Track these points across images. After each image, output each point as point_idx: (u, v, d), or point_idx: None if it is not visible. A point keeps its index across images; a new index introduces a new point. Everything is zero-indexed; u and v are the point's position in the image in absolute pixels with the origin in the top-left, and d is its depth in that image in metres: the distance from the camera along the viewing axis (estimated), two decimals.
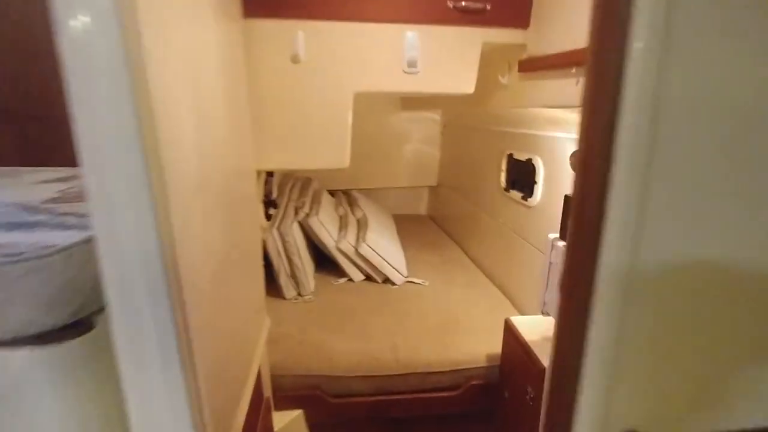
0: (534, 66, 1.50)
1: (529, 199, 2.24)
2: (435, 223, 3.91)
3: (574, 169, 1.54)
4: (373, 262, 2.54)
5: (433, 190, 4.07)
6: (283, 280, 2.35)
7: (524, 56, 1.59)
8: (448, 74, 1.61)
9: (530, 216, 2.25)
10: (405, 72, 1.56)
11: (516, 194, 2.39)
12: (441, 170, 3.91)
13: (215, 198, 1.01)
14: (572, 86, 1.34)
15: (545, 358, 1.53)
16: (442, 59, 1.58)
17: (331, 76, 1.53)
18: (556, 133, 1.96)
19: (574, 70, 1.29)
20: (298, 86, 1.52)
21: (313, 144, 1.59)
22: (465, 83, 1.64)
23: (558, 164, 1.98)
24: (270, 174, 2.14)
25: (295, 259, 2.35)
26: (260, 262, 1.63)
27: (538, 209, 2.17)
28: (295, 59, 1.47)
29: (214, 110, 1.00)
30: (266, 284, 1.74)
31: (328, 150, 1.62)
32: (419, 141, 3.86)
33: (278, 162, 1.59)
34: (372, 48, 1.52)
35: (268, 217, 2.15)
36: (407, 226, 3.58)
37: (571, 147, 1.87)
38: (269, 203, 2.05)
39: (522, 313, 2.24)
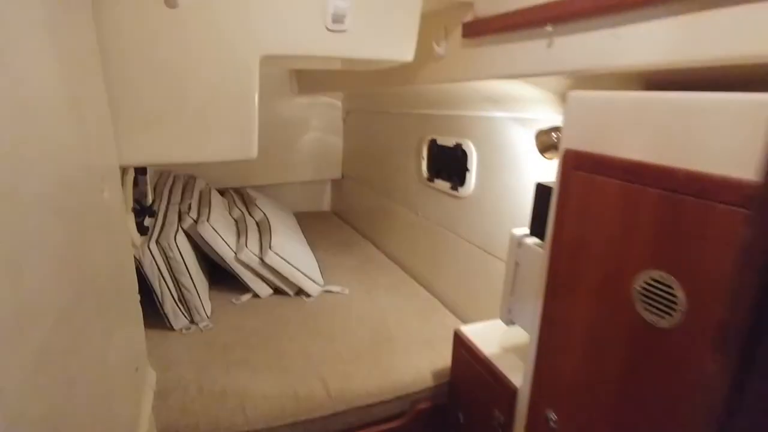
0: (488, 28, 1.23)
1: (459, 189, 2.01)
2: (341, 219, 3.57)
3: (543, 151, 1.31)
4: (283, 273, 2.11)
5: (336, 183, 3.72)
6: (170, 308, 1.82)
7: (470, 18, 1.32)
8: (383, 35, 1.26)
9: (462, 208, 2.02)
10: (329, 29, 1.17)
11: (442, 184, 2.15)
12: (345, 161, 3.57)
13: (39, 217, 0.55)
14: (542, 49, 1.10)
15: (514, 374, 1.30)
16: (376, 14, 1.23)
17: (226, 29, 1.08)
18: (494, 113, 1.74)
19: (549, 28, 1.04)
20: (177, 44, 1.05)
21: (202, 126, 1.14)
22: (403, 47, 1.31)
23: (496, 148, 1.77)
24: (141, 172, 1.60)
25: (184, 280, 1.83)
26: (135, 297, 1.14)
27: (472, 200, 1.95)
28: (170, 1, 1.00)
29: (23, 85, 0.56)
30: (145, 313, 1.25)
31: (226, 135, 1.17)
32: (319, 129, 3.47)
33: (150, 153, 1.09)
34: None
35: (143, 229, 1.61)
36: (311, 225, 3.19)
37: (515, 128, 1.66)
38: (143, 211, 1.53)
39: (460, 317, 2.01)
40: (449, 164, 2.10)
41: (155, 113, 1.09)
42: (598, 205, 0.91)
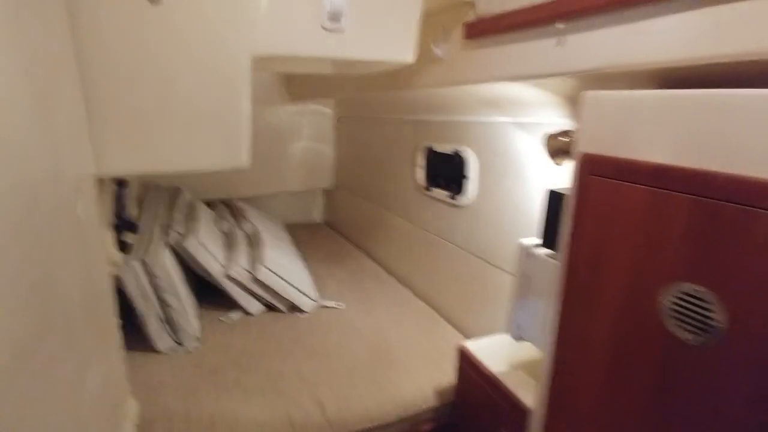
0: (491, 28, 1.16)
1: (458, 198, 1.94)
2: (333, 229, 3.48)
3: (553, 156, 1.25)
4: (275, 288, 2.02)
5: (328, 193, 3.63)
6: (154, 328, 1.71)
7: (471, 17, 1.25)
8: (382, 35, 1.19)
9: (461, 217, 1.95)
10: (325, 28, 1.10)
11: (440, 193, 2.08)
12: (337, 170, 3.48)
13: None
14: (551, 48, 1.03)
15: (524, 393, 1.22)
16: (375, 12, 1.15)
17: (215, 28, 1.00)
18: (494, 118, 1.67)
19: (561, 26, 0.98)
20: (160, 42, 0.96)
21: (189, 132, 1.04)
22: (403, 48, 1.24)
23: (497, 155, 1.70)
24: (121, 184, 1.50)
25: (170, 298, 1.73)
26: (113, 323, 1.04)
27: (472, 209, 1.88)
28: None
29: None
30: (127, 333, 1.14)
31: (215, 141, 1.08)
32: (309, 138, 3.38)
33: (131, 163, 0.99)
34: None
35: (124, 246, 1.51)
36: (303, 236, 3.10)
37: (516, 133, 1.60)
38: (124, 225, 1.43)
39: (462, 331, 1.93)
40: (447, 172, 2.02)
41: (137, 118, 1.00)
42: (622, 212, 0.84)
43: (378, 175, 2.77)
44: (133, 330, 1.69)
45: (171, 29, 0.97)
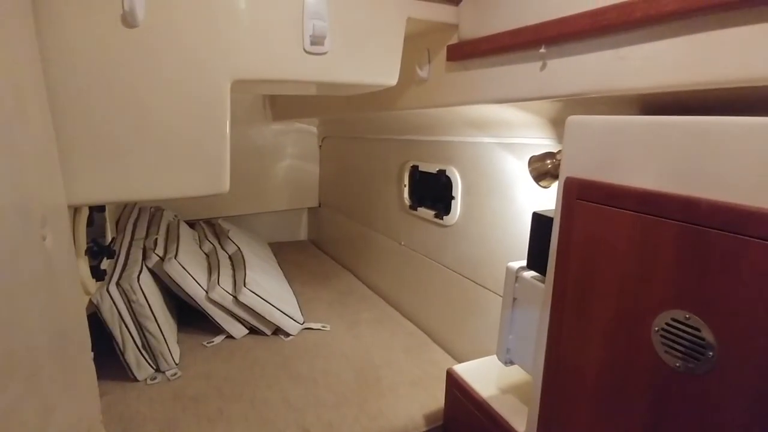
0: (474, 51, 1.16)
1: (445, 218, 1.93)
2: (318, 248, 3.44)
3: (538, 179, 1.24)
4: (259, 311, 1.97)
5: (313, 211, 3.59)
6: (132, 356, 1.65)
7: (454, 40, 1.26)
8: (366, 58, 1.18)
9: (448, 237, 1.93)
10: (307, 52, 1.09)
11: (426, 212, 2.07)
12: (322, 189, 3.46)
13: None
14: (534, 72, 1.03)
15: (515, 418, 1.19)
16: (358, 35, 1.14)
17: (194, 51, 0.97)
18: (479, 138, 1.67)
19: (543, 50, 0.98)
20: (137, 66, 0.93)
21: (167, 159, 1.01)
22: (387, 71, 1.23)
23: (483, 175, 1.69)
24: (98, 208, 1.45)
25: (149, 324, 1.67)
26: (87, 358, 0.99)
27: (458, 229, 1.87)
28: (128, 20, 0.89)
29: None
30: (104, 362, 1.09)
31: (194, 168, 1.05)
32: (294, 156, 3.36)
33: (106, 190, 0.94)
34: (258, 10, 1.01)
35: (99, 273, 1.45)
36: (287, 255, 3.06)
37: (502, 153, 1.60)
38: (101, 251, 1.38)
39: (450, 353, 1.90)
40: (433, 192, 2.02)
41: (111, 144, 0.97)
42: (609, 238, 0.83)
43: (364, 193, 2.76)
44: (110, 358, 1.63)
45: (147, 53, 0.94)
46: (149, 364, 1.69)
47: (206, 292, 1.93)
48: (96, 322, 1.54)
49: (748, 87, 0.77)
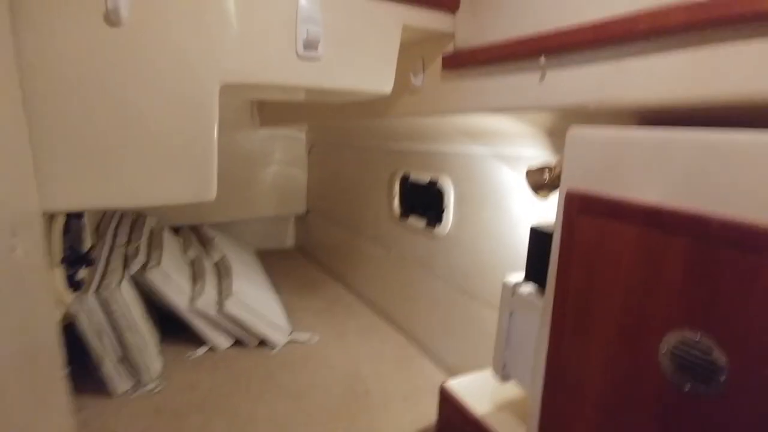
0: (471, 60, 1.14)
1: (436, 228, 1.90)
2: (306, 256, 3.38)
3: (535, 190, 1.22)
4: (244, 322, 1.91)
5: (300, 218, 3.54)
6: (109, 369, 1.57)
7: (450, 49, 1.23)
8: (360, 64, 1.15)
9: (440, 248, 1.90)
10: (300, 56, 1.05)
11: (416, 222, 2.04)
12: (310, 196, 3.40)
13: None
14: (532, 82, 1.01)
15: None
16: (352, 41, 1.11)
17: (181, 53, 0.93)
18: (473, 148, 1.65)
19: (543, 60, 0.96)
20: (120, 67, 0.88)
21: (150, 164, 0.96)
22: (381, 79, 1.20)
23: (476, 185, 1.67)
24: (76, 215, 1.38)
25: (129, 335, 1.60)
26: (59, 375, 0.92)
27: (450, 239, 1.84)
28: (111, 18, 0.84)
29: None
30: (82, 375, 1.02)
31: (180, 174, 1.00)
32: (282, 163, 3.30)
33: (84, 197, 0.88)
34: (250, 11, 0.97)
35: (76, 283, 1.38)
36: (274, 263, 3.00)
37: (496, 164, 1.58)
38: (78, 260, 1.31)
39: (441, 365, 1.86)
40: (424, 201, 1.99)
41: (92, 148, 0.91)
42: (613, 253, 0.80)
43: (352, 201, 2.72)
44: (87, 371, 1.55)
45: (131, 53, 0.89)
46: (129, 376, 1.62)
47: (190, 303, 1.86)
48: (73, 333, 1.46)
49: (755, 102, 0.75)
